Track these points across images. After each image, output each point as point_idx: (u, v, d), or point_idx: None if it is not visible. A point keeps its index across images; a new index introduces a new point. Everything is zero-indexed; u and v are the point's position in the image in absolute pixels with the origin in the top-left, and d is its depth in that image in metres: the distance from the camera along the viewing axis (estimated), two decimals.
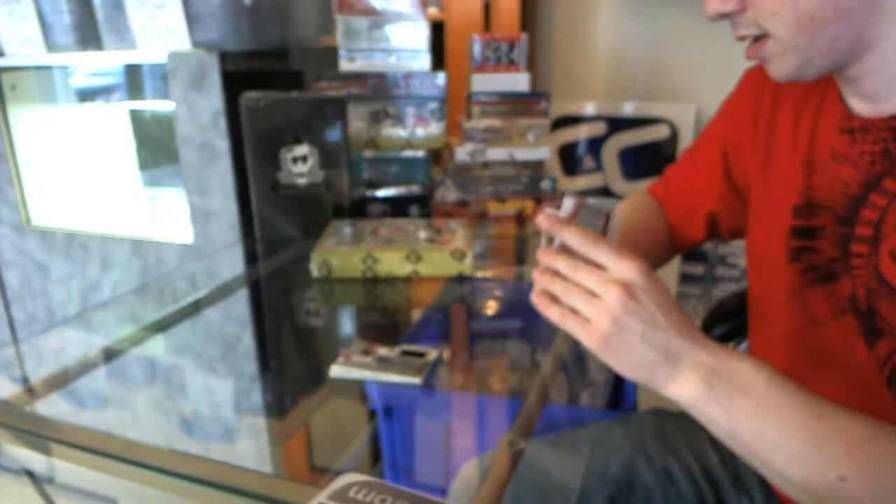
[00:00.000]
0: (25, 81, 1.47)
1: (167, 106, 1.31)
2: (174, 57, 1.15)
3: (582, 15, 1.66)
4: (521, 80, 1.18)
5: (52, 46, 1.30)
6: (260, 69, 1.24)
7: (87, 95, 1.60)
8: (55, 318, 1.53)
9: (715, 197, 0.79)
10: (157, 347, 0.87)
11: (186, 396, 0.81)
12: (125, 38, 1.20)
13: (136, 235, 1.36)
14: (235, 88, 1.11)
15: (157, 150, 1.60)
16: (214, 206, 1.22)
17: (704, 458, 0.78)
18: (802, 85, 0.65)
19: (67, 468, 0.57)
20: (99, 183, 1.61)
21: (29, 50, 1.31)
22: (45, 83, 1.52)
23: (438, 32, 1.49)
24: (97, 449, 0.58)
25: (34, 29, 1.28)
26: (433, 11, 1.63)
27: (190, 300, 0.99)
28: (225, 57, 1.13)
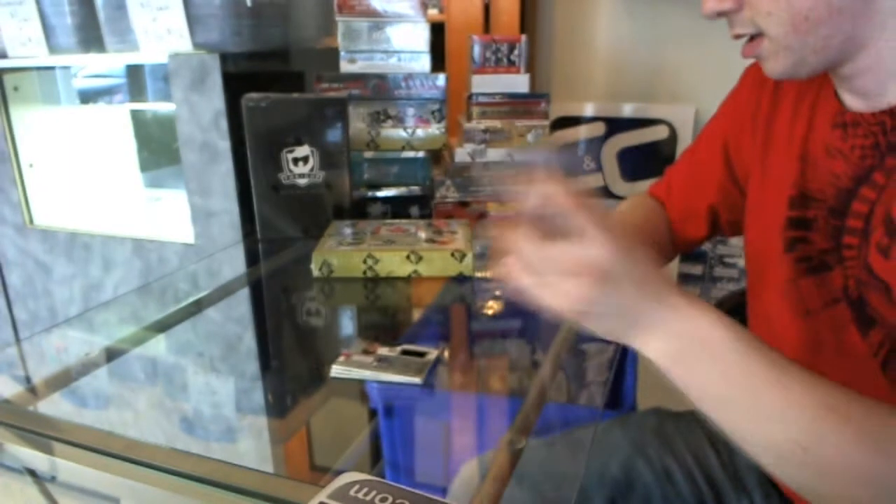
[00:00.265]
0: (28, 82, 1.48)
1: (168, 107, 1.32)
2: (175, 58, 1.15)
3: (581, 16, 1.67)
4: (520, 81, 1.18)
5: (54, 48, 1.30)
6: (261, 70, 1.24)
7: (89, 96, 1.61)
8: (57, 317, 1.54)
9: (716, 190, 0.80)
10: (158, 347, 0.87)
11: (188, 396, 0.81)
12: (127, 39, 1.20)
13: (137, 235, 1.36)
14: (236, 89, 1.11)
15: (158, 150, 1.61)
16: (216, 206, 1.22)
17: (704, 458, 0.79)
18: (800, 81, 0.66)
19: (69, 467, 0.57)
20: (101, 183, 1.61)
21: (31, 51, 1.31)
22: (47, 84, 1.53)
23: (439, 34, 1.49)
24: (99, 448, 0.58)
25: (36, 30, 1.28)
26: (433, 13, 1.63)
27: (191, 300, 0.99)
28: (226, 58, 1.13)
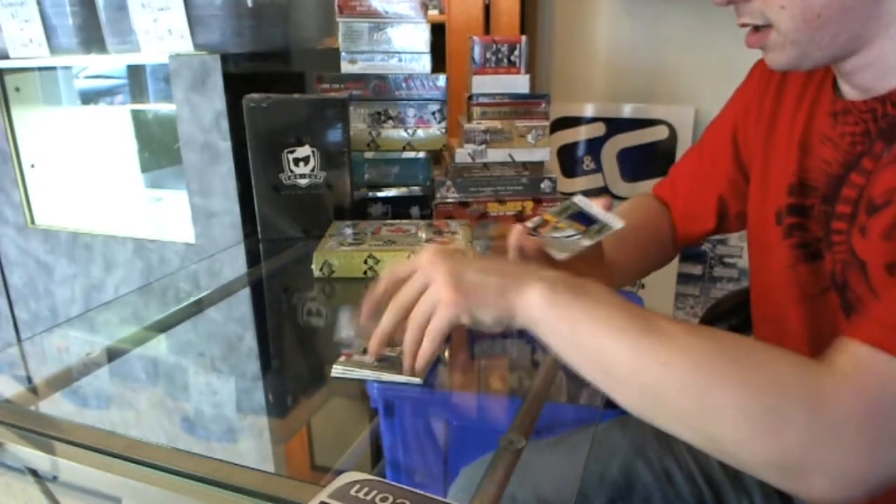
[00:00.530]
0: (29, 83, 1.48)
1: (169, 107, 1.32)
2: (176, 59, 1.16)
3: (581, 17, 1.67)
4: (521, 81, 1.18)
5: (55, 48, 1.30)
6: (262, 71, 1.24)
7: (90, 97, 1.61)
8: (58, 317, 1.54)
9: (725, 180, 0.81)
10: (159, 347, 0.87)
11: (189, 396, 0.81)
12: (128, 40, 1.20)
13: (138, 235, 1.36)
14: (237, 90, 1.11)
15: (159, 151, 1.61)
16: (216, 206, 1.22)
17: (704, 459, 0.78)
18: (806, 73, 0.68)
19: (71, 467, 0.57)
20: (102, 184, 1.61)
21: (33, 52, 1.32)
22: (48, 85, 1.53)
23: (439, 34, 1.49)
24: (100, 448, 0.58)
25: (38, 31, 1.28)
26: (434, 14, 1.63)
27: (192, 300, 0.99)
28: (227, 59, 1.14)
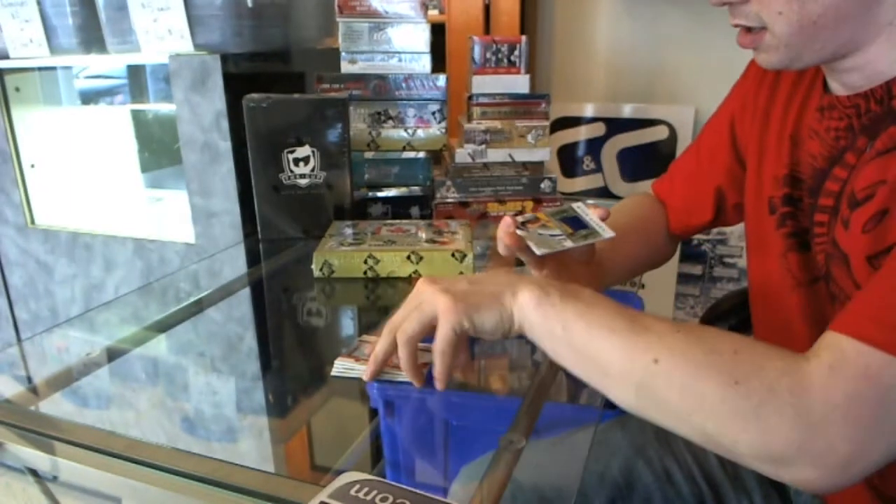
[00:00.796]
0: (29, 83, 1.48)
1: (169, 107, 1.32)
2: (176, 59, 1.16)
3: (581, 17, 1.67)
4: (521, 81, 1.18)
5: (55, 48, 1.30)
6: (262, 71, 1.24)
7: (90, 97, 1.61)
8: (58, 317, 1.54)
9: (722, 170, 0.81)
10: (159, 347, 0.87)
11: (189, 396, 0.81)
12: (128, 40, 1.20)
13: (138, 235, 1.36)
14: (237, 90, 1.11)
15: (159, 151, 1.61)
16: (216, 206, 1.22)
17: (703, 458, 0.79)
18: (799, 70, 0.69)
19: (71, 467, 0.57)
20: (102, 184, 1.61)
21: (33, 52, 1.32)
22: (48, 85, 1.53)
23: (439, 34, 1.49)
24: (100, 448, 0.58)
25: (38, 31, 1.28)
26: (434, 14, 1.63)
27: (192, 300, 0.99)
28: (227, 59, 1.14)
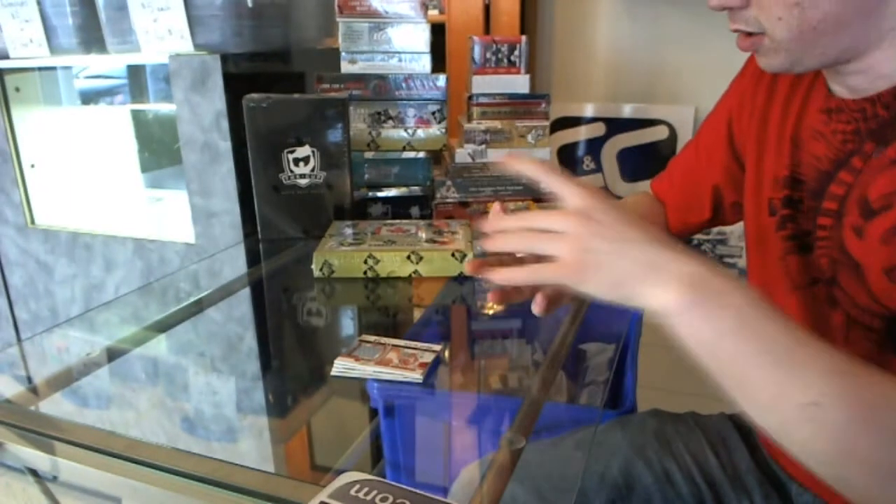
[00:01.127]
0: (29, 83, 1.48)
1: (169, 107, 1.32)
2: (176, 59, 1.16)
3: (581, 17, 1.67)
4: (521, 81, 1.18)
5: (55, 48, 1.30)
6: (262, 71, 1.24)
7: (90, 97, 1.61)
8: (58, 317, 1.54)
9: (719, 168, 0.81)
10: (159, 347, 0.87)
11: (189, 395, 0.81)
12: (128, 40, 1.20)
13: (138, 235, 1.36)
14: (237, 90, 1.11)
15: (159, 151, 1.61)
16: (216, 206, 1.22)
17: (703, 459, 0.79)
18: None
19: (71, 467, 0.58)
20: (102, 184, 1.61)
21: (33, 52, 1.32)
22: (48, 85, 1.53)
23: (439, 34, 1.49)
24: (100, 448, 0.58)
25: (38, 31, 1.28)
26: (434, 14, 1.64)
27: (192, 300, 0.99)
28: (227, 59, 1.14)
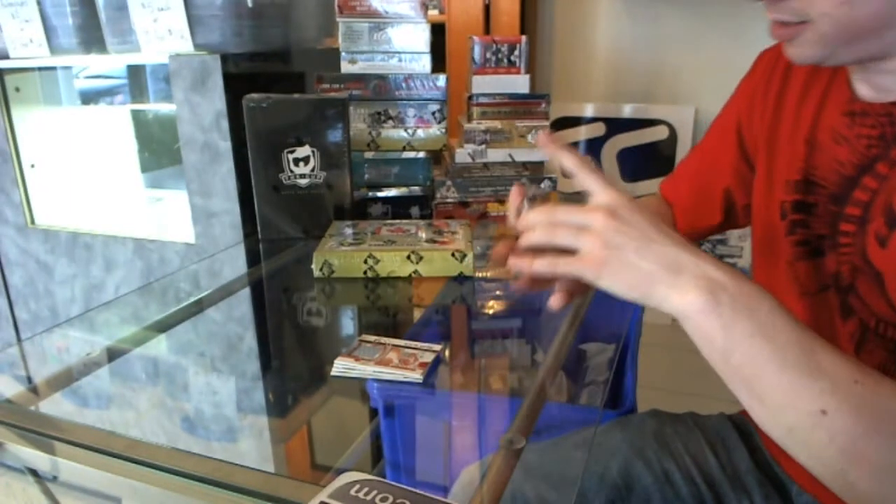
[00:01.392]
0: (29, 83, 1.48)
1: (169, 107, 1.32)
2: (176, 59, 1.16)
3: (581, 18, 1.67)
4: (521, 81, 1.18)
5: (55, 48, 1.30)
6: (262, 71, 1.24)
7: (90, 97, 1.61)
8: (58, 317, 1.54)
9: (730, 172, 0.80)
10: (159, 347, 0.87)
11: (189, 395, 0.81)
12: (128, 40, 1.20)
13: (138, 235, 1.36)
14: (237, 90, 1.11)
15: (159, 151, 1.61)
16: (216, 206, 1.22)
17: (703, 460, 0.79)
18: (813, 67, 0.67)
19: (71, 467, 0.58)
20: (102, 184, 1.61)
21: (33, 52, 1.32)
22: (48, 85, 1.53)
23: (439, 34, 1.49)
24: (100, 448, 0.58)
25: (38, 31, 1.28)
26: (434, 14, 1.64)
27: (192, 300, 0.99)
28: (227, 59, 1.14)
